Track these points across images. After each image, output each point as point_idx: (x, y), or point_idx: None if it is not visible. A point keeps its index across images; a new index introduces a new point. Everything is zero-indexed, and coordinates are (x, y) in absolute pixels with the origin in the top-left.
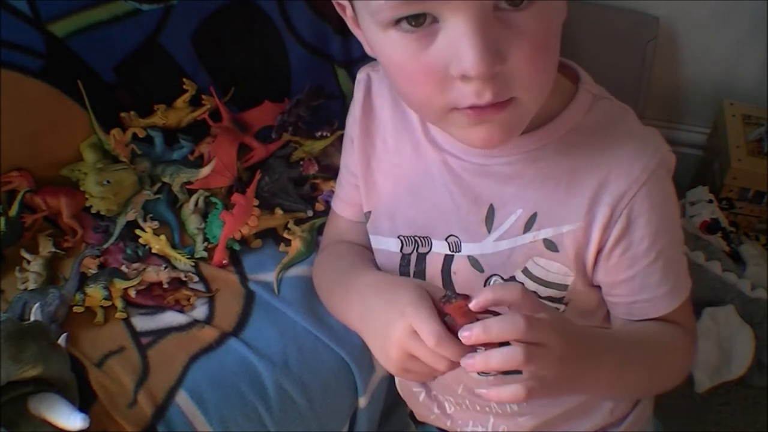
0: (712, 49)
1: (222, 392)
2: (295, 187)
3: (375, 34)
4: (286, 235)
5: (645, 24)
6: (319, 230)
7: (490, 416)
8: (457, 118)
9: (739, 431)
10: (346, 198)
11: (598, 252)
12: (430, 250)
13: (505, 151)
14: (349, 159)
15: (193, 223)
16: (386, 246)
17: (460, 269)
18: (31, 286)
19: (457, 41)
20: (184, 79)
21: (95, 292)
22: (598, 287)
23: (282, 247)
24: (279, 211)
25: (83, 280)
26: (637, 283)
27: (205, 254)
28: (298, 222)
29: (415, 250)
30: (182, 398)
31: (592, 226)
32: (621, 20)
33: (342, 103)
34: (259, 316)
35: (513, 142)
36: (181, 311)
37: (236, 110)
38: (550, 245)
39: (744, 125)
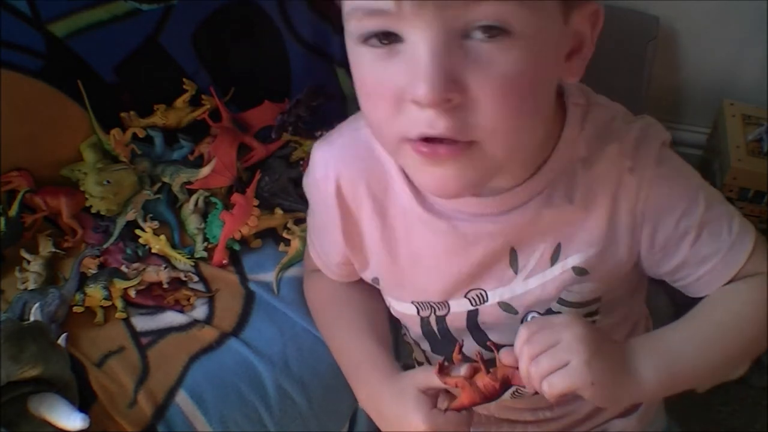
0: (712, 49)
1: (222, 392)
2: (295, 187)
3: (350, 48)
4: (285, 235)
5: (645, 24)
6: None
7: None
8: (408, 154)
9: (739, 431)
10: (329, 263)
11: (638, 255)
12: (448, 312)
13: (517, 199)
14: (329, 235)
15: (193, 223)
16: (402, 309)
17: (490, 317)
18: (31, 286)
19: (413, 62)
20: (184, 79)
21: (95, 292)
22: (630, 277)
23: (282, 247)
24: (279, 211)
25: (83, 280)
26: (692, 262)
27: (205, 254)
28: (298, 221)
29: (432, 313)
30: (182, 398)
31: (618, 238)
32: (621, 20)
33: (342, 103)
34: (259, 316)
35: (523, 187)
36: (181, 311)
37: (236, 110)
38: (581, 271)
39: (744, 125)
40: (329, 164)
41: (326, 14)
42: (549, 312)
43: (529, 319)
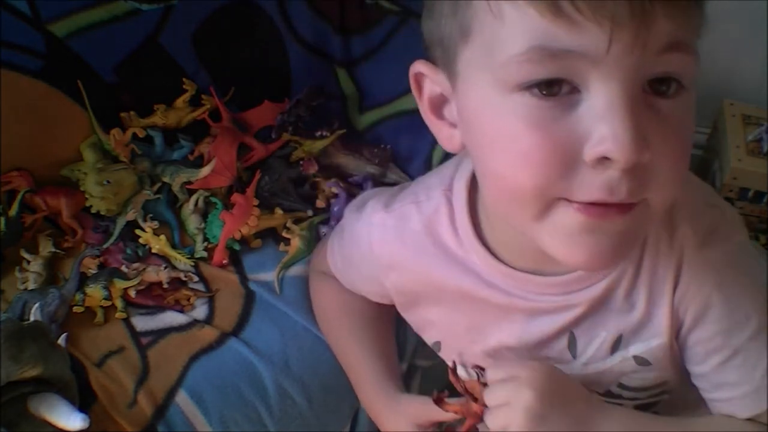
0: (712, 49)
1: (222, 392)
2: (295, 187)
3: (489, 98)
4: (285, 235)
5: None
6: (318, 227)
7: None
8: (563, 218)
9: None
10: (354, 287)
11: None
12: None
13: (581, 283)
14: (368, 286)
15: (193, 223)
16: (462, 372)
17: None
18: (31, 286)
19: (603, 116)
20: (184, 79)
21: (95, 292)
22: None
23: (282, 247)
24: (279, 211)
25: (83, 280)
26: (711, 380)
27: (205, 254)
28: (298, 221)
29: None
30: (182, 398)
31: (680, 331)
32: None
33: (342, 103)
34: (259, 316)
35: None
36: (181, 311)
37: (236, 110)
38: (642, 361)
39: (744, 125)
40: (390, 244)
41: (326, 14)
42: (609, 394)
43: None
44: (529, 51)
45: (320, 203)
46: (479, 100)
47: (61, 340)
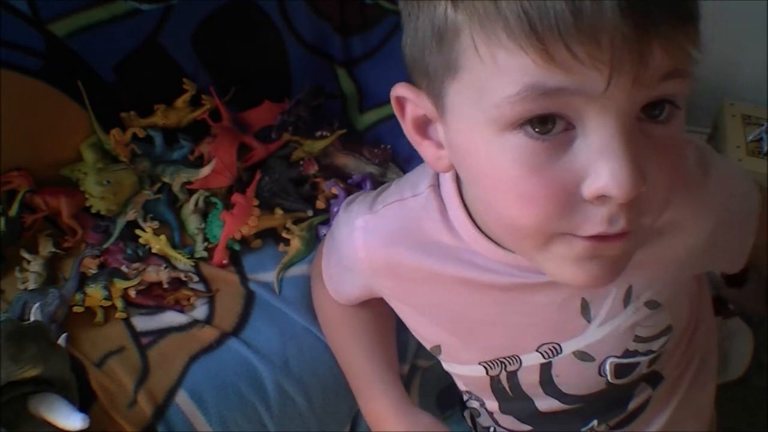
0: (712, 49)
1: (222, 392)
2: (295, 187)
3: (482, 136)
4: (285, 235)
5: None
6: (318, 228)
7: None
8: (563, 249)
9: (739, 431)
10: (342, 296)
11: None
12: (520, 367)
13: None
14: (354, 290)
15: (193, 223)
16: (469, 372)
17: (565, 369)
18: (31, 286)
19: (600, 153)
20: (184, 79)
21: (95, 292)
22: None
23: (282, 247)
24: (279, 211)
25: (83, 280)
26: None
27: (205, 254)
28: (297, 221)
29: (503, 370)
30: (182, 398)
31: (685, 258)
32: None
33: (342, 103)
34: (259, 316)
35: None
36: (181, 311)
37: (236, 110)
38: (654, 305)
39: (744, 125)
40: (375, 248)
41: (326, 14)
42: (627, 353)
43: (606, 367)
44: (522, 91)
45: (320, 204)
46: (472, 136)
47: (61, 340)
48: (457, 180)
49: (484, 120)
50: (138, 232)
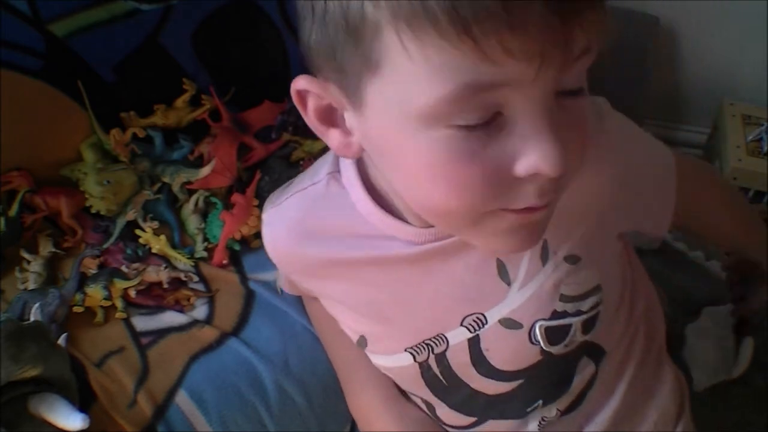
0: (712, 49)
1: (222, 392)
2: None
3: (409, 131)
4: None
5: (645, 24)
6: None
7: None
8: (495, 223)
9: (739, 431)
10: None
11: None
12: (447, 347)
13: None
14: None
15: (193, 223)
16: (396, 362)
17: (494, 341)
18: (31, 286)
19: (530, 136)
20: (184, 79)
21: (95, 292)
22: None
23: None
24: None
25: (83, 280)
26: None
27: (205, 254)
28: None
29: (430, 353)
30: (182, 398)
31: (602, 210)
32: (621, 20)
33: None
34: (258, 316)
35: None
36: (181, 311)
37: (236, 110)
38: (573, 260)
39: (744, 125)
40: (281, 242)
41: None
42: (555, 315)
43: (536, 331)
44: (456, 90)
45: None
46: (396, 130)
47: (61, 340)
48: (357, 163)
49: (413, 116)
50: (138, 232)
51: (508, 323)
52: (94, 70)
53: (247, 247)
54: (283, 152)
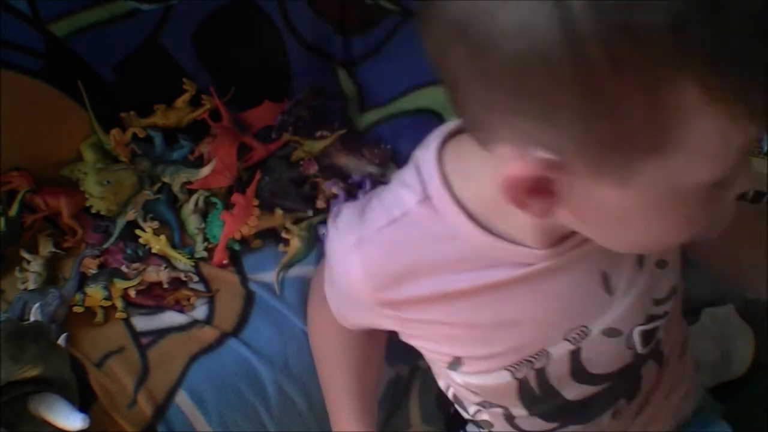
0: None
1: (222, 392)
2: (295, 187)
3: (663, 202)
4: (284, 236)
5: None
6: (318, 228)
7: None
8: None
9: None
10: (348, 322)
11: None
12: (548, 362)
13: None
14: (360, 320)
15: (193, 223)
16: (492, 380)
17: (594, 350)
18: (31, 286)
19: (741, 166)
20: (184, 79)
21: (95, 292)
22: None
23: (281, 247)
24: (279, 211)
25: (83, 280)
26: None
27: (205, 254)
28: (297, 221)
29: (531, 369)
30: (182, 398)
31: None
32: None
33: (342, 103)
34: (259, 316)
35: None
36: (181, 311)
37: (236, 110)
38: (662, 264)
39: None
40: (378, 281)
41: (326, 14)
42: (651, 319)
43: (635, 336)
44: (735, 159)
45: (320, 204)
46: (655, 201)
47: (61, 340)
48: (449, 189)
49: (688, 190)
50: (138, 232)
51: (610, 332)
52: (94, 70)
53: (247, 247)
54: (283, 152)
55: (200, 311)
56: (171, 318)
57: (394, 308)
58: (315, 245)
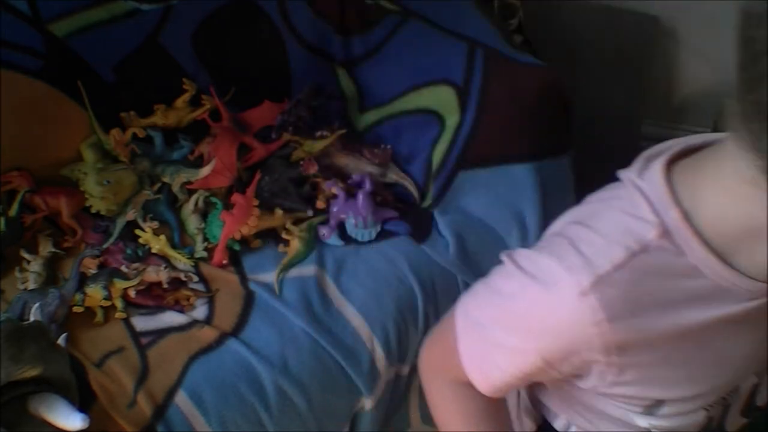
0: (712, 49)
1: (221, 392)
2: (295, 187)
3: None
4: (284, 236)
5: (645, 24)
6: (318, 228)
7: None
8: None
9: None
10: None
11: None
12: (737, 398)
13: None
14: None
15: (193, 223)
16: (687, 421)
17: (765, 384)
18: (31, 286)
19: None
20: (184, 79)
21: (95, 292)
22: None
23: (281, 248)
24: (279, 211)
25: (83, 280)
26: None
27: (205, 254)
28: (297, 222)
29: (722, 407)
30: (181, 398)
31: None
32: (621, 20)
33: (342, 103)
34: (258, 316)
35: None
36: (181, 311)
37: (236, 110)
38: None
39: None
40: (617, 320)
41: (326, 14)
42: None
43: None
44: None
45: (320, 204)
46: None
47: (61, 340)
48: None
49: None
50: (138, 232)
51: None
52: (94, 70)
53: (247, 247)
54: (283, 152)
55: (200, 311)
56: (171, 318)
57: (621, 352)
58: (315, 246)
